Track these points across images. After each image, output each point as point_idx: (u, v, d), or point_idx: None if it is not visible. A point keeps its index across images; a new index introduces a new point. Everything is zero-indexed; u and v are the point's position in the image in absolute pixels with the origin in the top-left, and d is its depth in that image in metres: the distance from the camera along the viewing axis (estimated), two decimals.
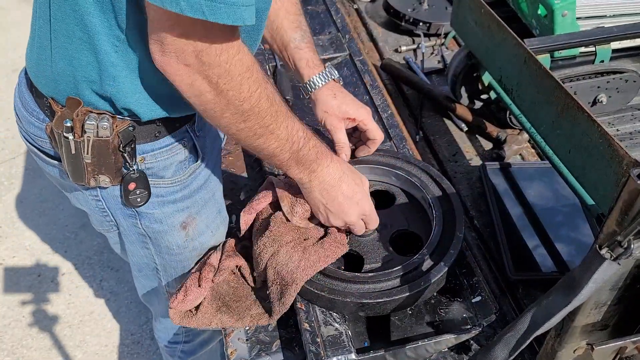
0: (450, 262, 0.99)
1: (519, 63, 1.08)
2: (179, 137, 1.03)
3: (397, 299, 0.96)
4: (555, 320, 0.72)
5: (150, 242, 1.14)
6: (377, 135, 1.17)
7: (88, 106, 0.93)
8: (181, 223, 1.12)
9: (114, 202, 1.06)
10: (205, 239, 1.19)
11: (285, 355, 1.01)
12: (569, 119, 0.94)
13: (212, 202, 1.17)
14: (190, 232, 1.14)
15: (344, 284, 0.98)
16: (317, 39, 1.65)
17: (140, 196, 1.03)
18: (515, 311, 1.09)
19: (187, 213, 1.12)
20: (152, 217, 1.09)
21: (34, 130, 1.01)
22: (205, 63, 0.81)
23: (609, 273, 0.66)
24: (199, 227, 1.15)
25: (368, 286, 0.97)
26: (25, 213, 2.62)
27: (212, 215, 1.17)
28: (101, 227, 1.15)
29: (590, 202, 0.98)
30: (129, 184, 1.01)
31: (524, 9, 1.49)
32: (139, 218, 1.08)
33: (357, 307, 0.97)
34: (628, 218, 0.64)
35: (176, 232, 1.13)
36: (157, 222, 1.10)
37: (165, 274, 1.23)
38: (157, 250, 1.16)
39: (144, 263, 1.22)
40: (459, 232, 1.03)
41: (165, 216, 1.09)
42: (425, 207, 1.13)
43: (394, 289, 0.97)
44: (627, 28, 1.27)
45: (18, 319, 2.25)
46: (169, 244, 1.15)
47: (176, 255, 1.17)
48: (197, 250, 1.19)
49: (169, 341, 1.54)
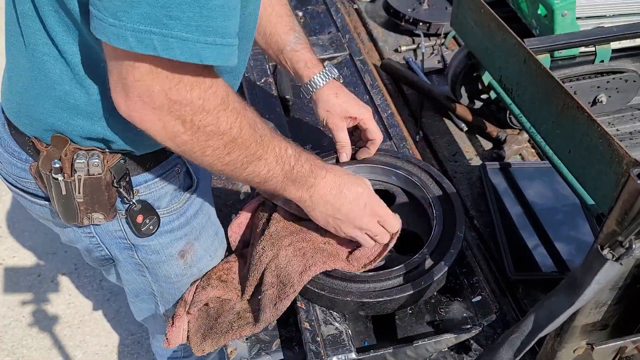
0: (451, 262, 0.99)
1: (519, 63, 1.08)
2: (172, 164, 0.99)
3: (398, 299, 0.96)
4: (560, 322, 0.72)
5: (147, 271, 1.11)
6: (376, 135, 1.16)
7: (76, 144, 0.88)
8: (179, 252, 1.09)
9: (108, 237, 1.03)
10: (204, 264, 1.15)
11: (285, 355, 1.01)
12: (569, 119, 0.94)
13: (208, 225, 1.14)
14: (188, 260, 1.11)
15: (345, 283, 0.98)
16: (317, 38, 1.66)
17: (152, 224, 0.99)
18: (515, 311, 1.09)
19: (185, 241, 1.08)
20: (149, 249, 1.05)
21: (17, 171, 0.96)
22: (176, 102, 0.73)
23: (612, 273, 0.66)
24: (197, 253, 1.12)
25: (368, 285, 0.97)
26: (25, 213, 2.62)
27: (210, 239, 1.15)
28: (95, 262, 1.12)
29: (590, 202, 0.98)
30: (136, 217, 0.97)
31: (524, 9, 1.49)
32: (135, 250, 1.05)
33: (358, 307, 0.97)
34: (628, 218, 0.64)
35: (174, 261, 1.09)
36: (154, 253, 1.06)
37: (162, 299, 1.20)
38: (154, 278, 1.13)
39: (140, 289, 1.19)
40: (459, 231, 1.03)
41: (162, 247, 1.06)
42: (426, 207, 1.13)
43: (394, 288, 0.97)
44: (627, 28, 1.27)
45: (18, 319, 2.25)
46: (167, 274, 1.11)
47: (174, 283, 1.15)
48: (195, 276, 1.16)
49: (168, 357, 1.53)
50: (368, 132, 1.16)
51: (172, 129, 0.76)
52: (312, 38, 1.66)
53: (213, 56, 0.69)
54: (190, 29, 0.66)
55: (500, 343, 0.77)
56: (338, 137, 1.16)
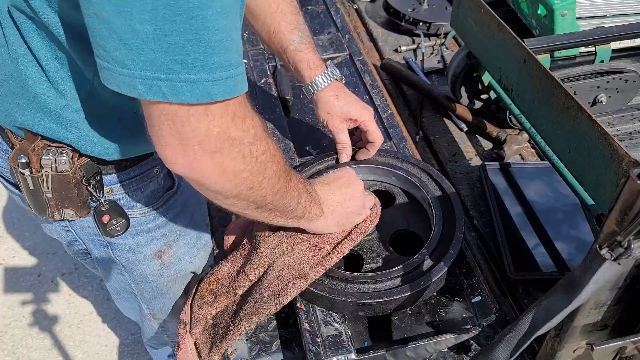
0: (450, 262, 0.99)
1: (519, 63, 1.08)
2: (150, 165, 0.97)
3: (397, 299, 0.96)
4: (557, 321, 0.72)
5: (124, 269, 1.11)
6: (377, 137, 1.16)
7: (46, 140, 0.87)
8: (156, 252, 1.08)
9: (84, 233, 1.02)
10: (183, 266, 1.15)
11: (285, 355, 1.01)
12: (569, 119, 0.94)
13: (191, 227, 1.12)
14: (166, 261, 1.10)
15: (344, 284, 0.98)
16: (317, 38, 1.65)
17: (119, 225, 0.98)
18: (515, 311, 1.09)
19: (163, 242, 1.07)
20: (124, 247, 1.05)
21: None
22: (235, 138, 0.70)
23: (610, 273, 0.66)
24: (176, 254, 1.11)
25: (368, 286, 0.97)
26: (25, 213, 2.62)
27: (191, 241, 1.14)
28: (76, 256, 1.12)
29: (590, 202, 0.98)
30: (102, 216, 0.96)
31: (524, 9, 1.49)
32: (110, 248, 1.04)
33: (357, 307, 0.97)
34: (628, 218, 0.64)
35: (150, 261, 1.09)
36: (130, 252, 1.06)
37: (143, 297, 1.20)
38: (131, 277, 1.13)
39: (121, 288, 1.19)
40: (458, 232, 1.03)
41: (138, 246, 1.05)
42: (425, 207, 1.13)
43: (394, 288, 0.97)
44: (627, 28, 1.26)
45: (18, 319, 2.25)
46: (143, 273, 1.11)
47: (151, 283, 1.14)
48: (173, 277, 1.15)
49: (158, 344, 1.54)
50: (368, 134, 1.16)
51: (233, 169, 0.73)
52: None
53: (222, 91, 0.67)
54: (196, 69, 0.64)
55: (497, 342, 0.77)
56: (338, 138, 1.16)
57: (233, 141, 0.70)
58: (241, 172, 0.74)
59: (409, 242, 1.10)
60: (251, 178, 0.76)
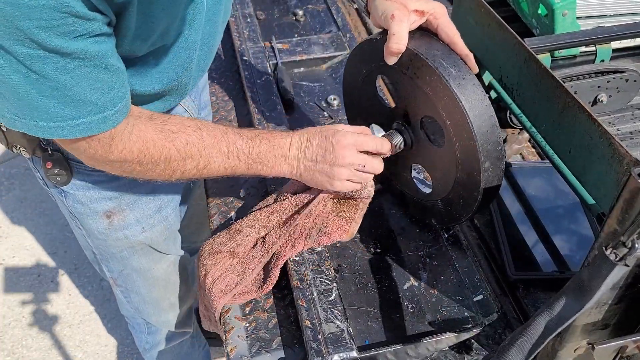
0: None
1: (520, 62, 1.08)
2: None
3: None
4: (567, 324, 0.72)
5: (78, 222, 1.13)
6: (452, 31, 0.94)
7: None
8: (105, 211, 1.10)
9: (43, 172, 1.05)
10: (133, 233, 1.16)
11: (286, 353, 1.01)
12: (569, 118, 0.94)
13: (149, 198, 1.14)
14: (115, 222, 1.12)
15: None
16: (318, 37, 1.66)
17: (59, 176, 1.02)
18: (516, 310, 1.09)
19: (115, 204, 1.10)
20: (75, 198, 1.07)
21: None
22: (108, 163, 0.88)
23: (620, 275, 0.66)
24: (127, 219, 1.13)
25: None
26: (25, 213, 2.62)
27: (147, 212, 1.15)
28: (50, 196, 1.15)
29: (591, 202, 0.98)
30: (46, 162, 1.00)
31: (524, 9, 1.49)
32: (64, 195, 1.07)
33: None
34: (629, 217, 0.64)
35: (98, 218, 1.11)
36: (79, 204, 1.08)
37: (101, 257, 1.23)
38: (86, 232, 1.16)
39: (84, 245, 1.22)
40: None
41: (88, 200, 1.08)
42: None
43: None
44: (627, 27, 1.27)
45: (18, 319, 2.25)
46: (90, 228, 1.13)
47: (101, 241, 1.16)
48: (122, 241, 1.17)
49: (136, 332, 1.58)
50: (440, 29, 0.94)
51: (116, 172, 0.92)
52: (312, 37, 1.66)
53: (70, 133, 0.80)
54: (48, 117, 0.77)
55: (508, 346, 0.77)
56: (395, 29, 0.90)
57: (113, 162, 0.89)
58: (125, 173, 0.92)
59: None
60: (136, 175, 0.92)
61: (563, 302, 0.72)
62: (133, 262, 1.27)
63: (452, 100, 0.90)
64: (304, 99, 1.48)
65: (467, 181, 0.97)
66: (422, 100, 0.97)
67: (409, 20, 0.91)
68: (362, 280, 1.09)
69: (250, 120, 1.40)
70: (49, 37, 0.68)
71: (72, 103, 0.77)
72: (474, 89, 0.92)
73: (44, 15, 0.66)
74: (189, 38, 0.93)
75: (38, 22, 0.66)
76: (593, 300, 0.68)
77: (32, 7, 0.65)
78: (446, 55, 0.93)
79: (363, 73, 1.09)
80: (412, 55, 0.93)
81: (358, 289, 1.08)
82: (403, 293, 1.07)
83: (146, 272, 1.32)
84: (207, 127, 0.96)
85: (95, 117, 0.80)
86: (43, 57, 0.70)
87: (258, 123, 1.36)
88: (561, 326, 0.72)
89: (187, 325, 1.63)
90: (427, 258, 1.13)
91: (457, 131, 0.93)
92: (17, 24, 0.66)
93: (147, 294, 1.39)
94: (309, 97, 1.17)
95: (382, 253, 1.14)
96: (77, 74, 0.74)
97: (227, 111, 1.49)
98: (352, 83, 1.14)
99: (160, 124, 0.90)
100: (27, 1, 0.64)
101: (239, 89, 1.55)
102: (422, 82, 0.94)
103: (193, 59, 0.98)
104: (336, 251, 1.14)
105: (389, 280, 1.09)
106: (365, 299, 1.06)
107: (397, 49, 0.91)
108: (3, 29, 0.66)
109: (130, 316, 1.54)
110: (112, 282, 1.35)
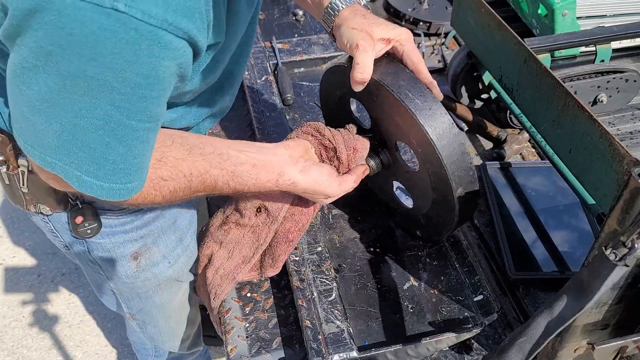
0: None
1: (520, 62, 1.08)
2: None
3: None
4: (567, 325, 0.72)
5: (100, 269, 1.10)
6: (416, 57, 0.92)
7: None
8: (132, 254, 1.07)
9: (60, 227, 1.02)
10: (160, 270, 1.13)
11: (286, 353, 1.01)
12: (569, 119, 0.94)
13: (171, 230, 1.11)
14: (142, 263, 1.09)
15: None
16: (318, 37, 1.66)
17: (90, 228, 0.99)
18: (516, 311, 1.09)
19: (141, 243, 1.07)
20: (100, 246, 1.04)
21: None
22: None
23: (620, 275, 0.66)
24: (154, 257, 1.10)
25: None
26: (25, 213, 2.62)
27: (170, 245, 1.12)
28: (59, 246, 1.12)
29: (591, 202, 0.98)
30: (76, 217, 0.97)
31: (524, 9, 1.49)
32: (86, 245, 1.04)
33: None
34: (629, 217, 0.64)
35: (126, 262, 1.08)
36: (105, 251, 1.05)
37: (122, 297, 1.20)
38: (108, 276, 1.12)
39: (100, 284, 1.18)
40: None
41: (114, 246, 1.04)
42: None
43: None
44: (627, 27, 1.27)
45: (18, 319, 2.25)
46: (118, 274, 1.10)
47: (127, 284, 1.13)
48: (150, 281, 1.14)
49: (140, 352, 1.55)
50: (405, 55, 0.93)
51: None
52: (312, 37, 1.66)
53: (106, 194, 0.74)
54: (84, 169, 0.71)
55: (508, 346, 0.77)
56: (359, 58, 0.88)
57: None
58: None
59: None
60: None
61: (563, 302, 0.72)
62: (155, 299, 1.24)
63: (419, 131, 0.91)
64: (304, 99, 1.48)
65: (443, 202, 1.00)
66: (393, 127, 0.99)
67: (374, 49, 0.90)
68: (362, 280, 1.09)
69: (250, 120, 1.40)
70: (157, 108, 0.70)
71: (142, 167, 0.75)
72: (442, 118, 0.91)
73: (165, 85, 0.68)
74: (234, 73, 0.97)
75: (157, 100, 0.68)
76: (593, 300, 0.68)
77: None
78: (412, 85, 0.92)
79: (337, 94, 1.10)
80: (379, 86, 0.93)
81: (358, 289, 1.08)
82: (403, 293, 1.07)
83: (166, 306, 1.30)
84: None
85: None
86: (152, 128, 0.71)
87: (258, 123, 1.36)
88: (561, 326, 0.72)
89: (197, 344, 1.61)
90: (427, 258, 1.13)
91: (427, 159, 0.95)
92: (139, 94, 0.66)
93: (164, 325, 1.37)
94: (309, 97, 1.17)
95: (382, 253, 1.14)
96: (150, 137, 0.74)
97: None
98: (328, 105, 1.16)
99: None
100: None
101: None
102: (390, 111, 0.95)
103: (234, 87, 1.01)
104: (336, 251, 1.14)
105: (389, 280, 1.09)
106: (365, 299, 1.06)
107: (361, 78, 0.90)
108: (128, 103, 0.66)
109: (139, 342, 1.52)
110: (129, 316, 1.31)
